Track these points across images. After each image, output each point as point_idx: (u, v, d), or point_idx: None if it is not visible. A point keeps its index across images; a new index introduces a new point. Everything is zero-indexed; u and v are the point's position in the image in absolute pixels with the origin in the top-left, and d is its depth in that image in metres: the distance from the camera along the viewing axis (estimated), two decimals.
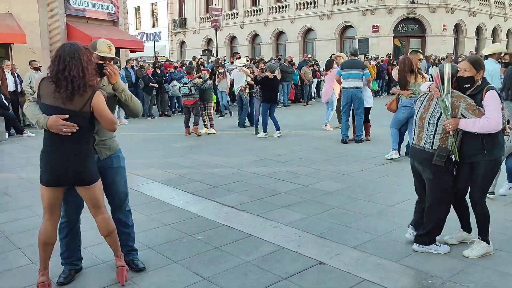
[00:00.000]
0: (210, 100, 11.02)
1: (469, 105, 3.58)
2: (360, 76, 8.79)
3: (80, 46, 3.00)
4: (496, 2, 30.38)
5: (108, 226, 3.29)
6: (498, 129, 3.52)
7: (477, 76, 3.64)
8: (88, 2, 16.08)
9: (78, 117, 2.97)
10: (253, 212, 4.96)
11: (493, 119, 3.48)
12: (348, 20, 27.37)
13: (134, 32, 37.58)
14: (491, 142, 3.59)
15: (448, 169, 3.71)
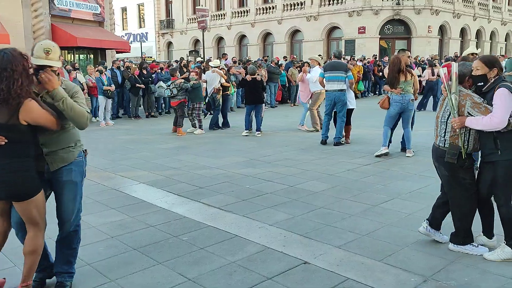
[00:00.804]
0: (198, 101, 11.04)
1: (475, 103, 3.60)
2: (343, 78, 8.78)
3: (14, 55, 2.82)
4: (480, 4, 30.83)
5: (33, 246, 3.02)
6: (501, 127, 3.45)
7: (490, 74, 3.64)
8: (73, 3, 15.95)
9: (5, 130, 2.81)
10: (239, 212, 4.97)
11: (496, 117, 3.44)
12: (334, 22, 27.53)
13: (121, 33, 37.33)
14: (506, 141, 3.53)
15: (463, 166, 3.73)
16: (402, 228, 4.43)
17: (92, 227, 4.59)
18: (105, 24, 17.59)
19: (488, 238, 3.92)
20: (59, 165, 3.10)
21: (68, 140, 3.14)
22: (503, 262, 3.60)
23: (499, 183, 3.60)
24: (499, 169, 3.57)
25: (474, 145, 3.74)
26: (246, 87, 10.65)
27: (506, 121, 3.44)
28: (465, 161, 3.71)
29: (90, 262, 3.75)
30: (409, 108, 7.56)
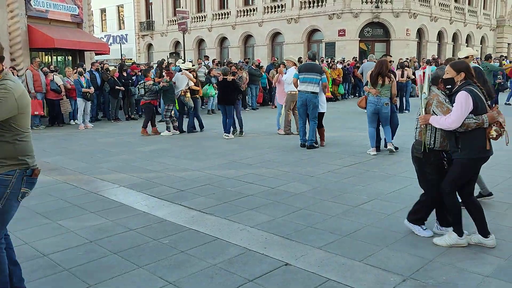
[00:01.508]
0: (168, 102, 11.04)
1: (439, 103, 3.87)
2: (317, 80, 8.67)
3: None
4: (456, 8, 31.48)
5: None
6: (453, 127, 3.71)
7: (457, 78, 3.86)
8: (51, 3, 15.69)
9: None
10: (220, 215, 4.96)
11: (450, 118, 3.71)
12: (315, 24, 27.73)
13: (100, 35, 36.91)
14: (466, 141, 3.75)
15: (429, 162, 4.00)
16: (382, 228, 4.48)
17: (71, 231, 4.51)
18: (83, 26, 17.33)
19: (483, 236, 3.98)
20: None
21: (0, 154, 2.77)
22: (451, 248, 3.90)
23: (449, 175, 3.92)
24: (455, 165, 3.89)
25: (442, 142, 3.95)
26: (219, 88, 10.71)
27: (459, 122, 3.67)
28: (429, 156, 3.98)
29: (69, 267, 3.68)
30: (383, 110, 7.88)
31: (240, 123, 10.58)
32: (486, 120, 3.71)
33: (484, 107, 3.80)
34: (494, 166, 6.90)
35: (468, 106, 3.69)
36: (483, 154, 3.81)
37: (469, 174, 3.92)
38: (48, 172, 7.20)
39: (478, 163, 3.90)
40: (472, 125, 3.69)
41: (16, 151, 2.81)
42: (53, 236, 4.43)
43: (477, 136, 3.74)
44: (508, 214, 4.85)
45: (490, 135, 3.75)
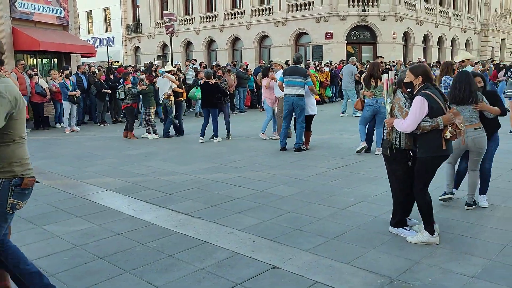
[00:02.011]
0: (148, 106, 11.01)
1: (400, 107, 4.15)
2: (301, 84, 8.66)
3: None
4: (441, 12, 31.92)
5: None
6: (408, 130, 4.00)
7: (416, 82, 4.08)
8: (36, 5, 15.51)
9: None
10: (208, 218, 4.94)
11: (405, 122, 4.00)
12: (302, 27, 27.88)
13: (86, 37, 36.60)
14: (421, 140, 4.04)
15: (396, 159, 4.23)
16: (369, 230, 4.51)
17: (56, 236, 4.46)
18: (69, 28, 17.16)
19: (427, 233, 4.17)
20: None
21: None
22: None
23: (415, 175, 4.15)
24: (417, 164, 4.13)
25: (407, 142, 4.16)
26: (202, 91, 10.60)
27: (414, 126, 3.94)
28: (396, 155, 4.21)
29: (54, 272, 3.64)
30: (382, 110, 7.93)
31: (228, 127, 10.53)
32: (441, 122, 3.92)
33: (441, 110, 3.97)
34: None
35: (423, 110, 3.91)
36: (440, 153, 4.04)
37: (433, 171, 4.13)
38: None
39: (437, 161, 4.12)
40: (427, 128, 3.93)
41: (1, 158, 2.65)
42: (38, 241, 4.37)
43: (433, 136, 3.97)
44: (493, 215, 4.91)
45: (445, 136, 3.95)
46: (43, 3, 15.88)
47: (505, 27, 39.51)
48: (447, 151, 4.06)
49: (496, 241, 4.18)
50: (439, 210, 5.07)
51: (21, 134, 2.75)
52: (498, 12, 38.40)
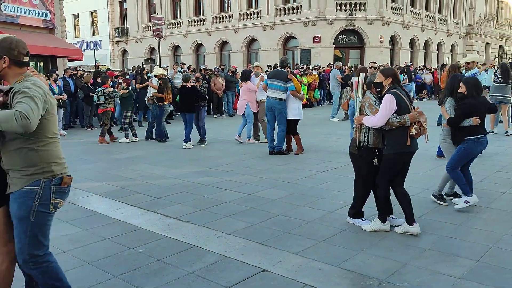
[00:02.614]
0: (126, 109, 10.98)
1: (370, 105, 4.50)
2: (281, 88, 8.63)
3: None
4: (427, 17, 32.32)
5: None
6: (378, 125, 4.29)
7: (385, 82, 4.43)
8: (21, 8, 15.37)
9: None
10: (197, 222, 4.92)
11: (376, 117, 4.30)
12: (290, 31, 27.99)
13: (73, 40, 36.28)
14: (389, 138, 4.36)
15: (362, 157, 4.55)
16: (357, 233, 4.53)
17: None
18: (55, 31, 17.04)
19: (409, 224, 4.43)
20: (11, 189, 2.65)
21: (19, 161, 2.60)
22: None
23: (380, 170, 4.47)
24: (383, 161, 4.44)
25: (374, 140, 4.49)
26: (179, 95, 10.38)
27: (384, 121, 4.24)
28: (363, 153, 4.53)
29: None
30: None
31: (203, 132, 10.27)
32: (407, 119, 4.24)
33: (407, 108, 4.32)
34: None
35: (392, 107, 4.24)
36: (406, 149, 4.35)
37: (397, 167, 4.43)
38: None
39: (402, 157, 4.41)
40: (395, 124, 4.24)
41: (40, 158, 2.65)
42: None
43: (400, 133, 4.29)
44: (479, 217, 4.97)
45: (411, 133, 4.28)
46: (29, 6, 15.75)
47: (489, 31, 40.14)
48: (412, 148, 4.37)
49: (482, 242, 4.23)
50: (427, 212, 5.12)
51: (55, 131, 2.80)
52: (482, 17, 39.01)
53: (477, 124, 5.00)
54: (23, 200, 2.62)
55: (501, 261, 3.81)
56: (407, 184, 6.09)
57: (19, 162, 2.61)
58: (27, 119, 2.36)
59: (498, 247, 4.11)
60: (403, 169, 4.51)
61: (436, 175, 6.79)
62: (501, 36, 43.30)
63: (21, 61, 2.66)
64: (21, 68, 2.67)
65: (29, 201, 2.62)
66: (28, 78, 2.65)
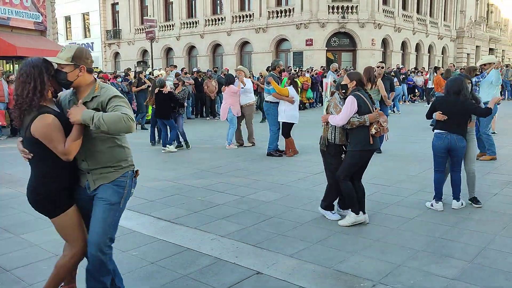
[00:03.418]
0: None
1: (335, 105, 4.87)
2: (267, 90, 8.93)
3: (35, 61, 2.67)
4: (418, 20, 32.57)
5: (59, 262, 2.97)
6: (340, 124, 4.68)
7: (350, 85, 4.79)
8: (13, 10, 15.27)
9: (26, 142, 2.70)
10: (190, 225, 4.91)
11: (338, 116, 4.69)
12: (283, 34, 28.07)
13: (64, 43, 36.07)
14: (352, 136, 4.71)
15: (331, 153, 4.94)
16: (351, 235, 4.54)
17: (35, 245, 4.37)
18: (47, 33, 16.94)
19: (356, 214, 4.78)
20: (98, 183, 2.85)
21: (111, 158, 2.85)
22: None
23: (345, 165, 4.76)
24: (346, 156, 4.81)
25: (340, 138, 4.85)
26: (155, 100, 9.98)
27: (345, 120, 4.60)
28: (331, 150, 4.91)
29: (33, 282, 3.56)
30: None
31: (184, 137, 10.07)
32: (367, 119, 4.58)
33: (368, 109, 4.65)
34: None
35: (353, 108, 4.59)
36: (367, 147, 4.67)
37: (358, 163, 4.76)
38: (10, 184, 6.96)
39: (364, 154, 4.73)
40: (356, 123, 4.59)
41: (126, 153, 2.95)
42: (16, 250, 4.27)
43: (362, 132, 4.62)
44: (471, 218, 5.01)
45: (371, 132, 4.61)
46: (21, 8, 15.65)
47: (479, 34, 40.55)
48: (373, 146, 4.69)
49: (475, 243, 4.26)
50: (420, 214, 5.15)
51: None
52: (473, 20, 39.39)
53: (441, 119, 5.20)
54: (116, 189, 2.88)
55: (493, 262, 3.83)
56: (400, 186, 6.13)
57: (111, 159, 2.85)
58: (131, 121, 2.62)
59: (490, 248, 4.14)
60: (364, 165, 4.85)
61: (429, 177, 6.84)
62: (491, 39, 43.75)
63: (91, 69, 2.88)
64: (90, 75, 2.86)
65: (120, 189, 2.89)
66: (103, 84, 2.90)
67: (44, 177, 2.77)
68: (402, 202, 5.62)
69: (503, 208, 5.36)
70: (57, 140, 2.63)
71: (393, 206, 5.45)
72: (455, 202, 5.33)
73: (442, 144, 5.21)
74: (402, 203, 5.60)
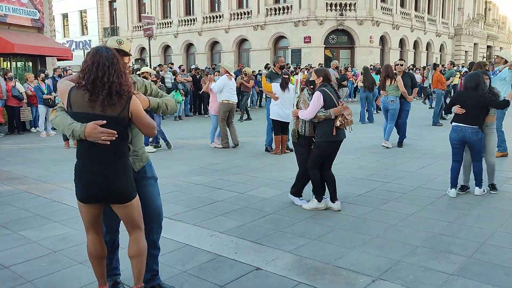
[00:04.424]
0: None
1: (304, 101, 5.21)
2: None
3: (114, 51, 2.83)
4: (416, 17, 32.57)
5: (140, 247, 3.00)
6: (307, 118, 5.03)
7: (317, 81, 5.15)
8: (10, 7, 15.20)
9: (116, 123, 2.72)
10: (189, 221, 4.90)
11: (306, 110, 5.04)
12: (281, 31, 28.03)
13: (62, 40, 35.97)
14: (319, 128, 5.06)
15: (301, 145, 5.29)
16: (350, 231, 4.54)
17: (33, 242, 4.35)
18: (44, 31, 16.87)
19: (332, 202, 5.18)
20: (141, 165, 3.11)
21: (141, 142, 3.16)
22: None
23: (313, 155, 5.13)
24: (313, 147, 5.18)
25: (310, 130, 5.17)
26: None
27: (312, 114, 4.97)
28: (301, 141, 5.27)
29: (31, 279, 3.54)
30: (390, 107, 9.15)
31: (163, 137, 9.74)
32: (332, 113, 4.94)
33: (333, 104, 5.00)
34: None
35: (319, 103, 4.95)
36: (332, 138, 5.02)
37: (325, 153, 5.11)
38: (8, 181, 6.94)
39: (329, 145, 5.08)
40: (322, 117, 4.95)
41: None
42: (14, 247, 4.26)
43: (327, 125, 4.98)
44: (470, 214, 5.01)
45: (336, 124, 4.96)
46: (18, 5, 15.58)
47: (477, 31, 40.58)
48: (337, 137, 5.05)
49: (474, 239, 4.26)
50: (419, 210, 5.15)
51: None
52: (471, 17, 39.41)
53: (459, 113, 5.52)
54: (153, 167, 3.26)
55: (493, 257, 3.84)
56: (399, 182, 6.15)
57: (141, 143, 3.16)
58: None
59: (490, 243, 4.14)
60: (332, 155, 5.19)
61: (428, 173, 6.85)
62: (489, 37, 43.81)
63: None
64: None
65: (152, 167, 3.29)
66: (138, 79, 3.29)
67: (124, 156, 2.84)
68: (401, 198, 5.62)
69: (502, 204, 5.37)
70: (145, 115, 2.86)
71: (392, 202, 5.45)
72: (477, 189, 5.71)
73: (457, 137, 5.58)
74: (401, 199, 5.60)
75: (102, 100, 2.68)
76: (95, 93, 2.69)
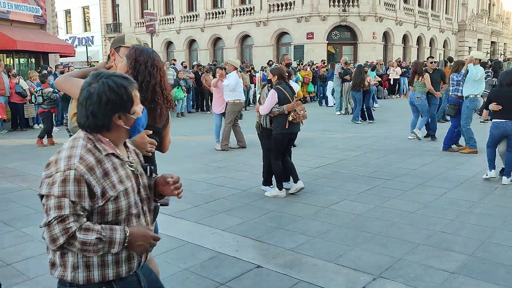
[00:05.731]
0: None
1: (263, 97, 5.79)
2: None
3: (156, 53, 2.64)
4: (420, 13, 32.40)
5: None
6: (264, 113, 5.59)
7: (273, 79, 5.65)
8: (12, 4, 15.21)
9: (158, 134, 2.57)
10: (191, 219, 4.91)
11: (262, 106, 5.60)
12: (284, 27, 27.95)
13: (64, 36, 36.00)
14: (275, 122, 5.56)
15: (264, 136, 5.76)
16: (352, 228, 4.54)
17: (35, 239, 4.37)
18: (47, 27, 16.88)
19: (295, 182, 5.74)
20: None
21: None
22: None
23: (273, 147, 5.64)
24: (272, 140, 5.64)
25: (269, 124, 5.62)
26: None
27: (268, 110, 5.52)
28: (264, 133, 5.73)
29: (33, 276, 3.56)
30: (415, 103, 9.59)
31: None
32: (285, 109, 5.45)
33: (287, 100, 5.49)
34: (464, 163, 7.15)
35: (274, 99, 5.48)
36: (286, 131, 5.53)
37: (282, 144, 5.62)
38: (10, 178, 6.96)
39: (284, 136, 5.59)
40: (276, 112, 5.49)
41: None
42: (16, 244, 4.28)
43: (281, 119, 5.50)
44: (472, 212, 5.01)
45: (289, 119, 5.46)
46: (20, 1, 15.60)
47: (481, 27, 40.36)
48: (289, 130, 5.56)
49: (475, 237, 4.26)
50: (420, 208, 5.14)
51: None
52: (474, 13, 39.20)
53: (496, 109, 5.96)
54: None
55: (494, 255, 3.83)
56: (401, 180, 6.15)
57: None
58: None
59: (491, 242, 4.14)
60: (288, 146, 5.76)
61: (430, 170, 6.84)
62: (493, 32, 43.56)
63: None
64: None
65: None
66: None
67: None
68: (402, 196, 5.61)
69: (504, 201, 5.36)
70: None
71: (393, 200, 5.45)
72: (505, 178, 6.03)
73: (499, 132, 6.03)
74: (402, 197, 5.59)
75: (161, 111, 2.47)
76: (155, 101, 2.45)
